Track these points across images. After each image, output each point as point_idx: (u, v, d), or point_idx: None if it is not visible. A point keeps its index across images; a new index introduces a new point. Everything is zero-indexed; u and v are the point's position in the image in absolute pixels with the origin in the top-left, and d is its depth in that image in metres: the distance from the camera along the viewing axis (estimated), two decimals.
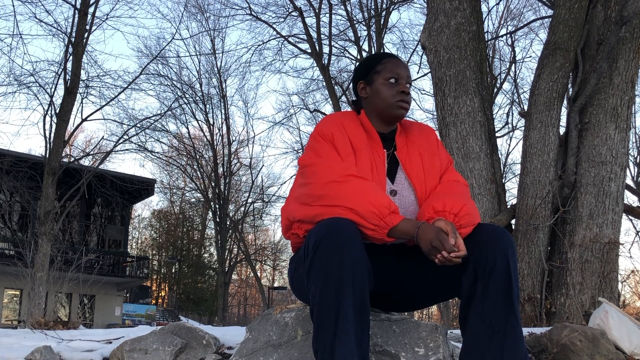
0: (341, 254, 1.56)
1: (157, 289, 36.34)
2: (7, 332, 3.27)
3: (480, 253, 1.66)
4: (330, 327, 1.54)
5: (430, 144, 1.97)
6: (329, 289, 1.55)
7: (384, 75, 1.88)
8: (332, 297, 1.55)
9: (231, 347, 2.43)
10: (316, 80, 20.12)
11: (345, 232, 1.59)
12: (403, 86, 1.86)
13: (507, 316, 1.61)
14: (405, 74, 1.88)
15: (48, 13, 15.15)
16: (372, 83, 1.91)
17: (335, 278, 1.55)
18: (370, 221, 1.65)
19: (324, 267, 1.56)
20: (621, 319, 2.38)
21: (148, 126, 16.80)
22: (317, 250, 1.58)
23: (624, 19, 4.24)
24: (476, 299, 1.66)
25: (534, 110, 4.39)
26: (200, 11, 23.19)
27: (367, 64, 1.94)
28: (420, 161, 1.90)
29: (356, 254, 1.57)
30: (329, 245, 1.57)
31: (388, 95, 1.86)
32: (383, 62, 1.90)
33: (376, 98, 1.89)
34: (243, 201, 27.62)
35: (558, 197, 4.21)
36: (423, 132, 1.99)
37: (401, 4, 17.85)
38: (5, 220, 19.57)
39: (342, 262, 1.55)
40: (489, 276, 1.64)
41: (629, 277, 8.39)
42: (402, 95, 1.86)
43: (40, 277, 10.74)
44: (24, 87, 13.15)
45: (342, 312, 1.54)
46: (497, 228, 1.73)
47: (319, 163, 1.78)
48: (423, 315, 31.78)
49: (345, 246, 1.57)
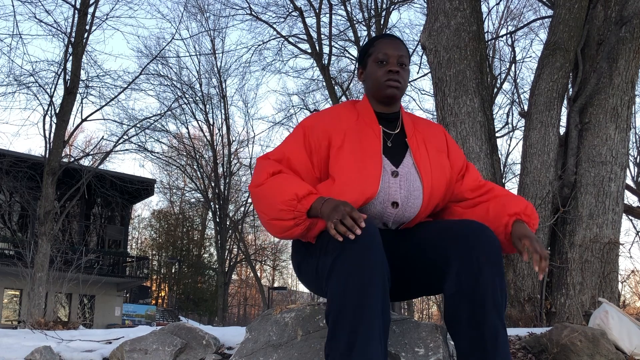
0: (367, 256, 1.52)
1: (157, 289, 36.33)
2: (7, 333, 3.26)
3: (464, 255, 1.61)
4: (355, 328, 1.48)
5: (438, 139, 1.95)
6: (352, 291, 1.50)
7: (374, 57, 1.88)
8: (356, 299, 1.49)
9: (231, 347, 2.43)
10: (316, 80, 20.12)
11: (368, 235, 1.55)
12: (392, 65, 1.85)
13: (488, 328, 1.56)
14: (396, 53, 1.86)
15: (48, 13, 15.14)
16: (366, 66, 1.92)
17: (361, 281, 1.50)
18: (286, 217, 1.66)
19: (348, 269, 1.51)
20: (621, 319, 2.38)
21: (148, 126, 16.80)
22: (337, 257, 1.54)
23: (624, 19, 4.24)
24: (460, 310, 1.60)
25: (534, 110, 4.39)
26: (200, 11, 23.20)
27: (363, 49, 1.97)
28: (426, 153, 1.88)
29: (379, 257, 1.54)
30: (352, 251, 1.53)
31: (377, 75, 1.87)
32: (374, 45, 1.90)
33: (369, 80, 1.91)
34: (243, 201, 27.61)
35: (558, 197, 4.21)
36: (431, 127, 1.98)
37: (401, 4, 17.85)
38: (5, 220, 19.56)
39: (369, 264, 1.52)
40: (473, 287, 1.58)
41: (629, 277, 8.38)
42: (390, 75, 1.85)
43: (40, 277, 10.74)
44: (24, 87, 13.15)
45: (368, 313, 1.49)
46: (484, 228, 1.67)
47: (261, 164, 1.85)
48: (423, 315, 31.79)
49: (371, 248, 1.53)
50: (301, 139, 1.85)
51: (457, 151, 1.98)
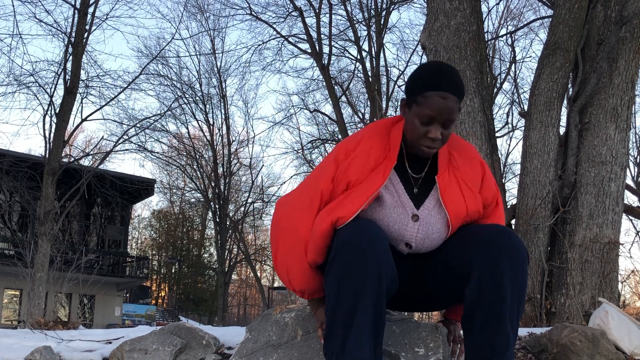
0: (366, 257, 1.55)
1: (157, 289, 36.32)
2: (7, 333, 3.27)
3: (488, 266, 1.60)
4: (345, 327, 1.56)
5: (474, 173, 1.82)
6: (348, 290, 1.55)
7: (421, 110, 1.67)
8: (351, 298, 1.55)
9: (231, 347, 2.43)
10: (316, 80, 20.11)
11: (371, 236, 1.58)
12: (435, 131, 1.66)
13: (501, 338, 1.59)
14: (443, 117, 1.65)
15: (48, 13, 15.11)
16: (411, 108, 1.71)
17: (353, 286, 1.55)
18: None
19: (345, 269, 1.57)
20: (621, 319, 2.38)
21: (148, 126, 16.82)
22: (338, 253, 1.58)
23: (624, 19, 4.24)
24: (476, 317, 1.63)
25: (534, 110, 4.39)
26: (200, 11, 23.21)
27: (415, 85, 1.70)
28: (458, 189, 1.77)
29: (374, 262, 1.56)
30: (353, 249, 1.56)
31: (416, 133, 1.69)
32: (425, 95, 1.65)
33: (407, 126, 1.73)
34: (243, 201, 27.61)
35: (558, 197, 4.21)
36: (468, 158, 1.83)
37: (401, 4, 17.86)
38: (5, 220, 19.56)
39: (366, 265, 1.55)
40: (494, 297, 1.59)
41: (629, 277, 8.39)
42: (428, 141, 1.68)
43: (40, 277, 10.73)
44: (24, 87, 13.16)
45: (360, 313, 1.55)
46: (512, 238, 1.63)
47: (289, 203, 1.86)
48: (423, 315, 31.75)
49: (370, 249, 1.56)
50: (332, 172, 1.76)
51: (490, 186, 1.85)
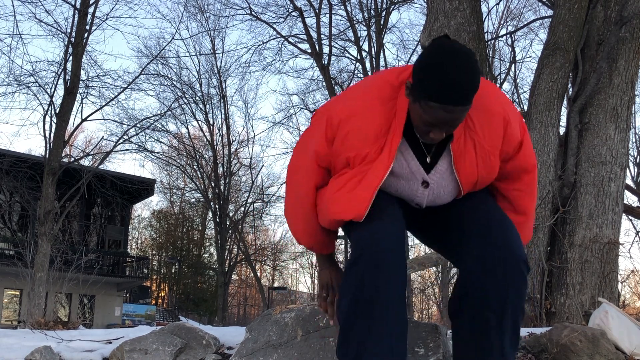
0: (374, 274, 1.56)
1: (157, 289, 36.31)
2: (7, 333, 3.27)
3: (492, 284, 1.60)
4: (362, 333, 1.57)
5: (493, 135, 1.67)
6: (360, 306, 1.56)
7: (423, 113, 1.54)
8: (362, 315, 1.56)
9: (231, 347, 2.43)
10: (316, 80, 20.08)
11: (386, 246, 1.58)
12: (437, 133, 1.57)
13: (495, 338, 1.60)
14: (447, 126, 1.55)
15: (48, 13, 15.04)
16: (415, 100, 1.56)
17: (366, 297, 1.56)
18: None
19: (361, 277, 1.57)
20: (621, 319, 2.38)
21: (148, 126, 16.81)
22: (355, 263, 1.58)
23: (624, 19, 4.24)
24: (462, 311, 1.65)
25: (534, 110, 4.39)
26: (200, 11, 23.17)
27: (419, 86, 1.53)
28: (474, 155, 1.67)
29: (384, 275, 1.56)
30: (370, 258, 1.56)
31: (419, 128, 1.60)
32: (430, 105, 1.51)
33: (411, 112, 1.61)
34: (243, 201, 27.59)
35: (558, 197, 4.21)
36: (490, 116, 1.67)
37: (401, 4, 17.86)
38: (5, 220, 19.57)
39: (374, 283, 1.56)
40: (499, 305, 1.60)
41: (629, 277, 8.39)
42: (428, 138, 1.60)
43: (40, 277, 10.73)
44: (24, 87, 13.17)
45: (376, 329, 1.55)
46: (514, 247, 1.62)
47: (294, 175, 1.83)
48: (423, 315, 31.76)
49: (379, 266, 1.56)
50: (324, 136, 1.68)
51: (513, 136, 1.70)
